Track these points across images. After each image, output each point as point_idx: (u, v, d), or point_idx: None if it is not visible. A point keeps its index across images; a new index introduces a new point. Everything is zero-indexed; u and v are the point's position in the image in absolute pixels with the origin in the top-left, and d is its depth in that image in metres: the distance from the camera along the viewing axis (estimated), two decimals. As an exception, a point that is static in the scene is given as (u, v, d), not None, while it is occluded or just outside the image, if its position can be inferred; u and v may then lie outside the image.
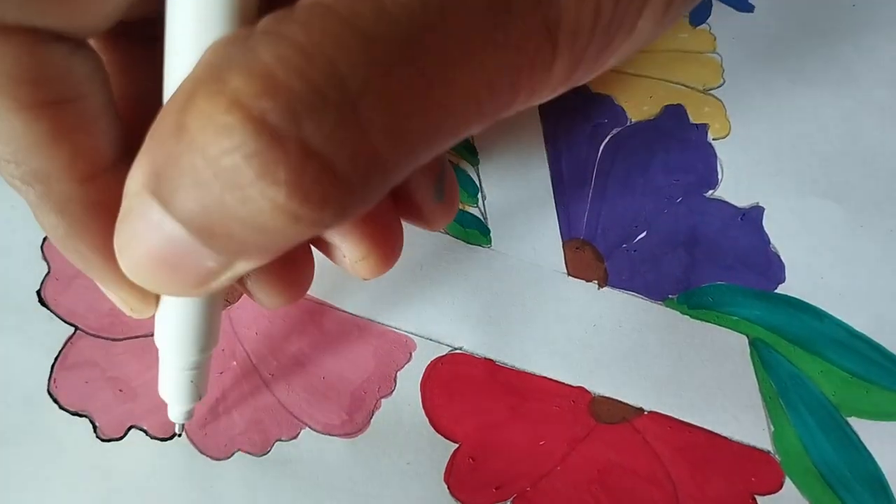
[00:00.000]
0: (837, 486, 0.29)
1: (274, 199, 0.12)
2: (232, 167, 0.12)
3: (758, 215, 0.33)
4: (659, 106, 0.35)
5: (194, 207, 0.13)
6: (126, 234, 0.15)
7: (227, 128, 0.12)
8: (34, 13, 0.16)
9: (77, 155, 0.17)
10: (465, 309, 0.30)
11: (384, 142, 0.13)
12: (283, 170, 0.12)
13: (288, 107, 0.12)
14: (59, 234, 0.19)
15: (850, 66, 0.36)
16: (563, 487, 0.28)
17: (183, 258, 0.15)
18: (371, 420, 0.28)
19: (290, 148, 0.12)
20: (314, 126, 0.12)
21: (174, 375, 0.23)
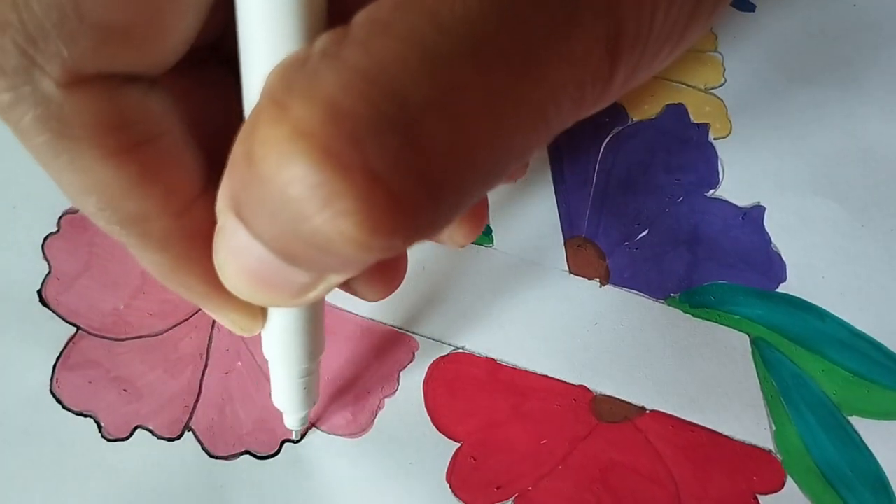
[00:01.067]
0: (839, 485, 0.29)
1: (342, 231, 0.12)
2: (298, 197, 0.12)
3: (759, 214, 0.33)
4: (660, 105, 0.35)
5: (272, 232, 0.13)
6: (221, 253, 0.15)
7: (290, 157, 0.12)
8: (108, 59, 0.15)
9: (168, 191, 0.17)
10: (467, 308, 0.30)
11: (451, 163, 0.13)
12: (349, 200, 0.12)
13: (352, 133, 0.12)
14: (164, 271, 0.19)
15: (852, 65, 0.37)
16: (564, 487, 0.28)
17: (274, 275, 0.15)
18: (374, 420, 0.28)
19: (356, 177, 0.12)
20: (379, 151, 0.12)
21: (287, 384, 0.24)
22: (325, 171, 0.12)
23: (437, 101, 0.12)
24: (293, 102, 0.12)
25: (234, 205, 0.14)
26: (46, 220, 0.29)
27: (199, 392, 0.27)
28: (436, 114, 0.12)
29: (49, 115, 0.15)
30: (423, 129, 0.12)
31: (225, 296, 0.17)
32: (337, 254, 0.13)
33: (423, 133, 0.12)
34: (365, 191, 0.12)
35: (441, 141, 0.12)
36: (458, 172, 0.13)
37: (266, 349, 0.22)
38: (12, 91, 0.15)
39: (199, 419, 0.27)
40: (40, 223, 0.29)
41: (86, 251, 0.28)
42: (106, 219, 0.17)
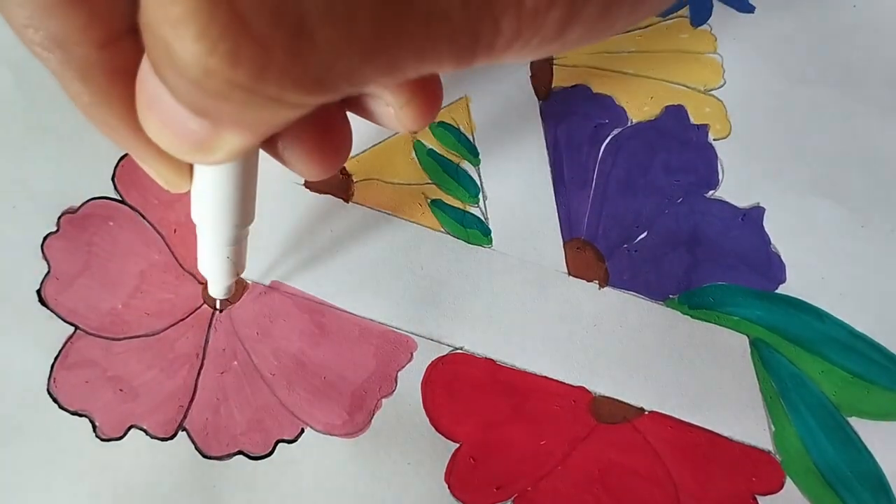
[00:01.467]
0: (838, 486, 0.29)
1: (183, 43, 0.11)
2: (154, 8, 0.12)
3: (758, 215, 0.33)
4: (660, 106, 0.35)
5: (151, 52, 0.13)
6: (137, 84, 0.15)
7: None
8: None
9: (93, 18, 0.17)
10: (466, 309, 0.30)
11: (319, 18, 0.12)
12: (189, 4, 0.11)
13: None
14: (84, 102, 0.18)
15: (851, 66, 0.37)
16: (563, 487, 0.28)
17: (169, 115, 0.14)
18: (372, 420, 0.28)
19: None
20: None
21: (212, 251, 0.24)
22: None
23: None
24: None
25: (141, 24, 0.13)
26: (46, 219, 0.29)
27: (193, 392, 0.27)
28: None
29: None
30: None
31: (147, 141, 0.17)
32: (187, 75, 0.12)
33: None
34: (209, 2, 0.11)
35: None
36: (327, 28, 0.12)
37: (193, 213, 0.22)
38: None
39: (194, 419, 0.27)
40: (39, 223, 0.29)
41: (85, 251, 0.28)
42: (29, 38, 0.17)
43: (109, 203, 0.29)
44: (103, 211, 0.29)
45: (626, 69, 0.35)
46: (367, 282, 0.30)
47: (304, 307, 0.29)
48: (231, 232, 0.23)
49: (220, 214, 0.22)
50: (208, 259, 0.24)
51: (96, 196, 0.29)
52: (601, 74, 0.35)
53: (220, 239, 0.23)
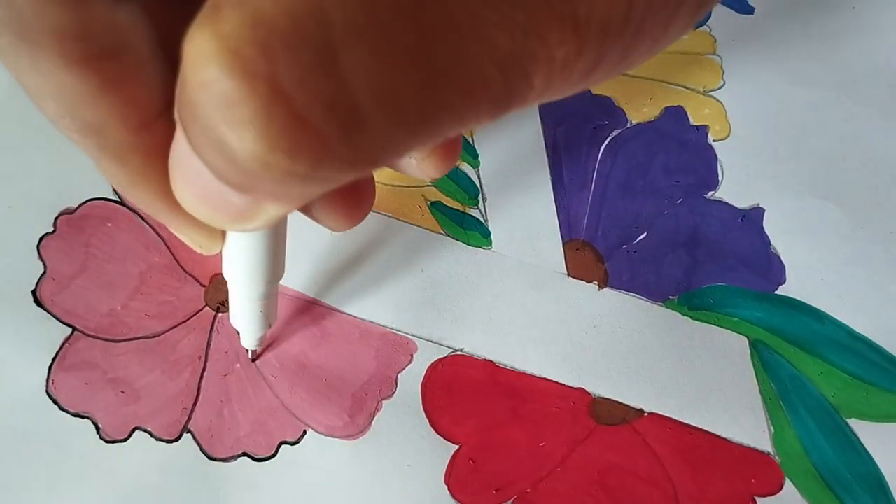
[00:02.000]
0: (837, 487, 0.29)
1: (242, 142, 0.12)
2: (207, 102, 0.12)
3: (758, 216, 0.33)
4: (659, 107, 0.35)
5: (196, 140, 0.13)
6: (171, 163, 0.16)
7: (205, 59, 0.11)
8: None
9: (129, 105, 0.17)
10: (466, 310, 0.30)
11: (369, 101, 0.12)
12: (248, 108, 0.11)
13: (266, 41, 0.11)
14: (121, 183, 0.19)
15: (850, 67, 0.37)
16: (563, 489, 0.28)
17: (212, 193, 0.15)
18: (372, 422, 0.28)
19: (258, 87, 0.11)
20: (288, 65, 0.11)
21: (245, 306, 0.24)
22: (231, 77, 0.11)
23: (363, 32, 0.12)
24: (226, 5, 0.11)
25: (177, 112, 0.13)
26: (42, 220, 0.28)
27: (197, 394, 0.27)
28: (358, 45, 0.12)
29: (13, 18, 0.15)
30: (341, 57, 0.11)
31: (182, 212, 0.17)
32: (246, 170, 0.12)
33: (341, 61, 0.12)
34: (266, 102, 0.11)
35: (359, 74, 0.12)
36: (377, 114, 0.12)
37: (225, 270, 0.23)
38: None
39: (198, 421, 0.27)
40: (36, 223, 0.28)
41: (82, 251, 0.28)
42: (65, 126, 0.17)
43: (107, 204, 0.29)
44: (101, 212, 0.29)
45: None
46: (367, 284, 0.30)
47: (305, 310, 0.29)
48: (264, 288, 0.23)
49: (253, 272, 0.22)
50: (241, 313, 0.25)
51: (94, 197, 0.29)
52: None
53: (253, 294, 0.24)
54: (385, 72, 0.12)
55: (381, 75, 0.12)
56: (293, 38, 0.11)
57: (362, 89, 0.12)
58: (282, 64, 0.11)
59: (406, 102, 0.12)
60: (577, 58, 0.14)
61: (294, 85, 0.11)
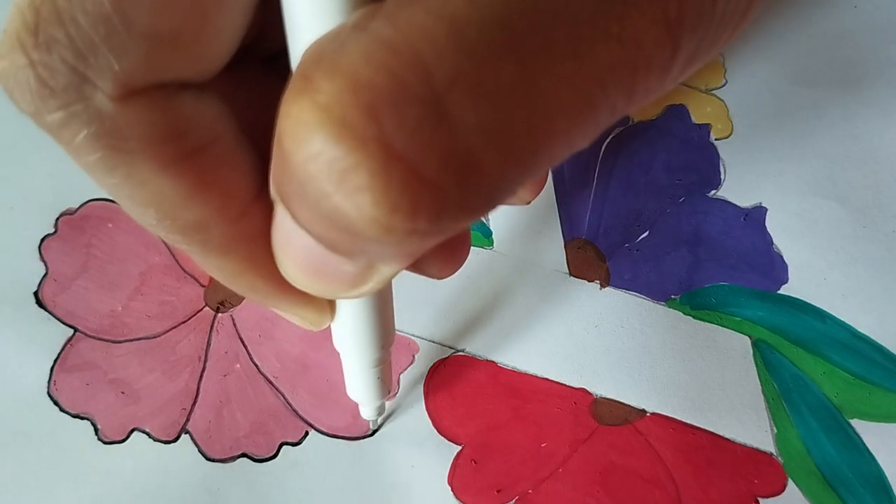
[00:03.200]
0: (840, 487, 0.29)
1: (361, 209, 0.12)
2: (317, 174, 0.12)
3: (760, 215, 0.33)
4: (661, 106, 0.35)
5: (306, 216, 0.13)
6: (276, 244, 0.15)
7: (308, 131, 0.11)
8: (160, 68, 0.15)
9: (226, 196, 0.17)
10: (468, 311, 0.30)
11: (481, 143, 0.12)
12: (364, 174, 0.11)
13: (370, 105, 0.11)
14: (228, 276, 0.18)
15: (853, 66, 0.36)
16: (565, 489, 0.28)
17: (323, 264, 0.15)
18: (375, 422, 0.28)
19: (371, 150, 0.11)
20: (398, 124, 0.11)
21: (360, 376, 0.24)
22: (340, 145, 0.11)
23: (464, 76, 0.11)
24: (317, 75, 0.11)
25: (276, 191, 0.13)
26: (43, 221, 0.28)
27: (196, 394, 0.27)
28: (462, 90, 0.11)
29: (103, 132, 0.15)
30: (447, 105, 0.11)
31: (290, 292, 0.17)
32: (365, 236, 0.12)
33: (447, 109, 0.11)
34: (381, 165, 0.11)
35: (467, 118, 0.12)
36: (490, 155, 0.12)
37: (337, 341, 0.22)
38: (64, 109, 0.15)
39: (197, 421, 0.27)
40: (37, 224, 0.28)
41: (83, 253, 0.28)
42: (166, 229, 0.17)
43: (108, 205, 0.29)
44: (102, 213, 0.29)
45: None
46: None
47: (306, 309, 0.29)
48: (378, 353, 0.23)
49: (366, 340, 0.22)
50: (357, 384, 0.24)
51: (95, 198, 0.29)
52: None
53: (368, 363, 0.23)
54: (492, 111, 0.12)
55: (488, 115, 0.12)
56: (397, 96, 0.11)
57: (473, 133, 0.12)
58: (390, 123, 0.11)
59: (517, 136, 0.12)
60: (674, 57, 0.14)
61: (405, 142, 0.11)
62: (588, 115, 0.13)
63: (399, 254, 0.14)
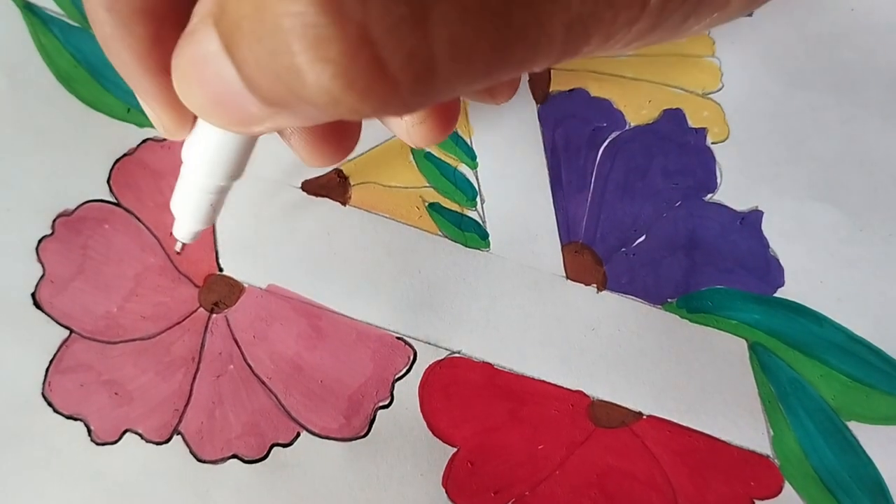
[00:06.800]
0: (837, 490, 0.29)
1: (319, 76, 0.12)
2: (289, 30, 0.12)
3: (757, 219, 0.33)
4: (658, 110, 0.35)
5: (248, 56, 0.13)
6: (184, 56, 0.15)
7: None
8: None
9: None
10: (464, 313, 0.30)
11: (445, 54, 0.13)
12: (335, 49, 0.12)
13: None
14: (104, 32, 0.18)
15: (849, 69, 0.36)
16: (561, 492, 0.28)
17: (230, 97, 0.15)
18: (369, 424, 0.28)
19: (349, 30, 0.12)
20: (380, 15, 0.12)
21: (195, 195, 0.23)
22: (323, 15, 0.12)
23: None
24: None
25: (217, 13, 0.13)
26: (40, 222, 0.28)
27: (189, 395, 0.27)
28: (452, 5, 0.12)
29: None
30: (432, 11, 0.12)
31: (157, 86, 0.17)
32: (304, 97, 0.13)
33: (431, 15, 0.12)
34: (355, 47, 0.12)
35: (443, 29, 0.12)
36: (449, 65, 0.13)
37: (186, 154, 0.22)
38: None
39: (189, 423, 0.27)
40: (34, 226, 0.28)
41: (79, 254, 0.28)
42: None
43: (104, 206, 0.29)
44: (98, 214, 0.29)
45: (624, 72, 0.35)
46: (364, 285, 0.30)
47: (301, 311, 0.29)
48: (223, 182, 0.22)
49: (218, 166, 0.22)
50: (189, 201, 0.23)
51: (91, 199, 0.29)
52: (599, 78, 0.35)
53: (210, 186, 0.23)
54: (467, 30, 0.12)
55: (463, 33, 0.12)
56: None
57: (443, 44, 0.12)
58: (375, 12, 0.12)
59: (477, 57, 0.13)
60: (636, 21, 0.14)
61: (382, 33, 0.12)
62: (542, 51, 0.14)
63: (319, 119, 0.14)
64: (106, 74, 0.30)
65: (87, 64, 0.30)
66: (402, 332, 0.29)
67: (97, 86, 0.30)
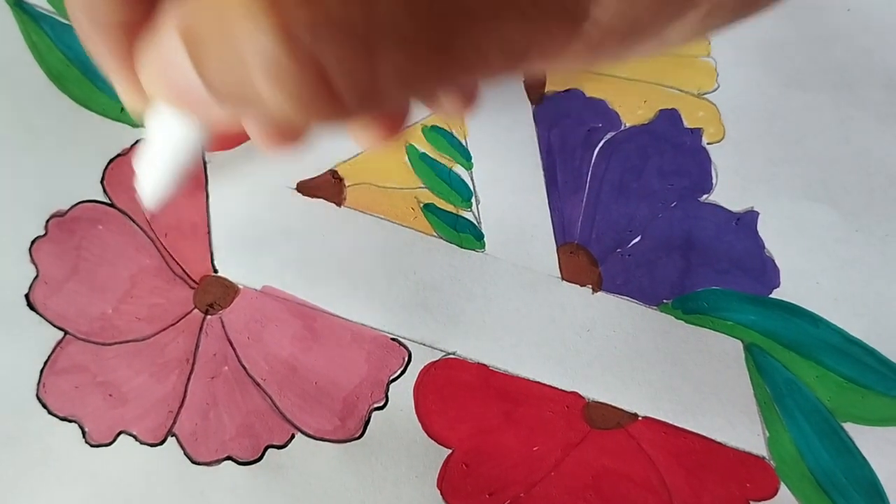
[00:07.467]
0: (832, 491, 0.29)
1: (275, 97, 0.13)
2: (250, 56, 0.13)
3: (752, 220, 0.33)
4: (653, 110, 0.35)
5: (211, 71, 0.14)
6: (151, 55, 0.16)
7: (257, 23, 0.13)
8: None
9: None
10: (459, 314, 0.30)
11: (390, 79, 0.14)
12: (290, 78, 0.13)
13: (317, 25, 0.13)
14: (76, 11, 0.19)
15: (845, 69, 0.36)
16: (557, 493, 0.28)
17: (192, 95, 0.15)
18: (363, 425, 0.28)
19: (303, 61, 0.13)
20: (331, 48, 0.13)
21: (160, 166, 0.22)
22: (281, 46, 0.13)
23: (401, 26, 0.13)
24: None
25: (183, 26, 0.14)
26: (34, 223, 0.28)
27: (183, 397, 0.27)
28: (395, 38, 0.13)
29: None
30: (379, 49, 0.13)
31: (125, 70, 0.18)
32: (261, 110, 0.14)
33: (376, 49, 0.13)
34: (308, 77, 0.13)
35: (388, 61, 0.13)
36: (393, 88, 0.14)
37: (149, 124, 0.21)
38: None
39: (183, 424, 0.27)
40: (27, 227, 0.28)
41: (73, 255, 0.28)
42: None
43: (98, 206, 0.29)
44: (92, 214, 0.29)
45: (620, 73, 0.35)
46: (359, 286, 0.29)
47: (296, 312, 0.29)
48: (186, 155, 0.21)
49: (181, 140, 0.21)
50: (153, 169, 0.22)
51: (85, 199, 0.29)
52: (594, 78, 0.35)
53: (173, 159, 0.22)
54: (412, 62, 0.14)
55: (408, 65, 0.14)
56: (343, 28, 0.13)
57: (388, 72, 0.13)
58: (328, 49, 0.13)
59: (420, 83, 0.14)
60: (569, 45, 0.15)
61: (334, 68, 0.13)
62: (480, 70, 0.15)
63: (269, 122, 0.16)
64: (98, 73, 0.30)
65: (79, 62, 0.30)
66: (397, 334, 0.29)
67: (89, 84, 0.30)
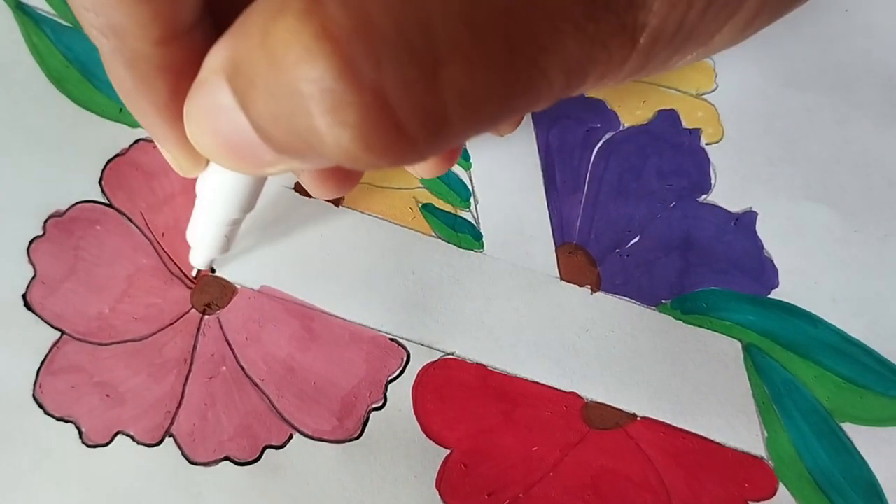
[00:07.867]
0: (831, 491, 0.29)
1: (338, 138, 0.13)
2: (308, 95, 0.12)
3: (751, 220, 0.33)
4: (652, 110, 0.35)
5: (263, 113, 0.13)
6: (196, 106, 0.16)
7: (311, 56, 0.12)
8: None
9: (156, 17, 0.17)
10: (458, 314, 0.30)
11: (457, 107, 0.13)
12: (353, 114, 0.12)
13: (375, 51, 0.12)
14: (125, 88, 0.19)
15: (844, 70, 0.36)
16: (555, 494, 0.28)
17: (243, 146, 0.15)
18: (362, 426, 0.28)
19: (366, 95, 0.12)
20: (396, 79, 0.12)
21: (211, 228, 0.25)
22: (340, 81, 0.12)
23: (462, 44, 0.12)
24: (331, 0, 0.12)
25: (230, 70, 0.14)
26: (31, 223, 0.28)
27: (181, 397, 0.27)
28: (457, 57, 0.12)
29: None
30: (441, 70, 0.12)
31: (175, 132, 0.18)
32: (322, 154, 0.13)
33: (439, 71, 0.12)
34: (372, 112, 0.12)
35: (454, 85, 0.13)
36: (460, 117, 0.13)
37: (200, 188, 0.23)
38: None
39: (181, 425, 0.27)
40: (25, 227, 0.28)
41: (71, 255, 0.28)
42: (88, 20, 0.18)
43: (96, 206, 0.29)
44: (90, 214, 0.29)
45: (619, 73, 0.35)
46: (357, 286, 0.29)
47: (294, 312, 0.29)
48: (237, 215, 0.24)
49: (231, 200, 0.23)
50: (205, 234, 0.25)
51: (83, 199, 0.29)
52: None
53: (224, 219, 0.24)
54: (475, 83, 0.13)
55: (472, 88, 0.13)
56: (403, 52, 0.12)
57: (454, 100, 0.13)
58: (389, 76, 0.12)
59: (485, 108, 0.14)
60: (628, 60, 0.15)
61: (398, 96, 0.12)
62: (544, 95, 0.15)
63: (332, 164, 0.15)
64: (97, 74, 0.30)
65: (78, 64, 0.30)
66: (396, 334, 0.29)
67: (89, 86, 0.30)
